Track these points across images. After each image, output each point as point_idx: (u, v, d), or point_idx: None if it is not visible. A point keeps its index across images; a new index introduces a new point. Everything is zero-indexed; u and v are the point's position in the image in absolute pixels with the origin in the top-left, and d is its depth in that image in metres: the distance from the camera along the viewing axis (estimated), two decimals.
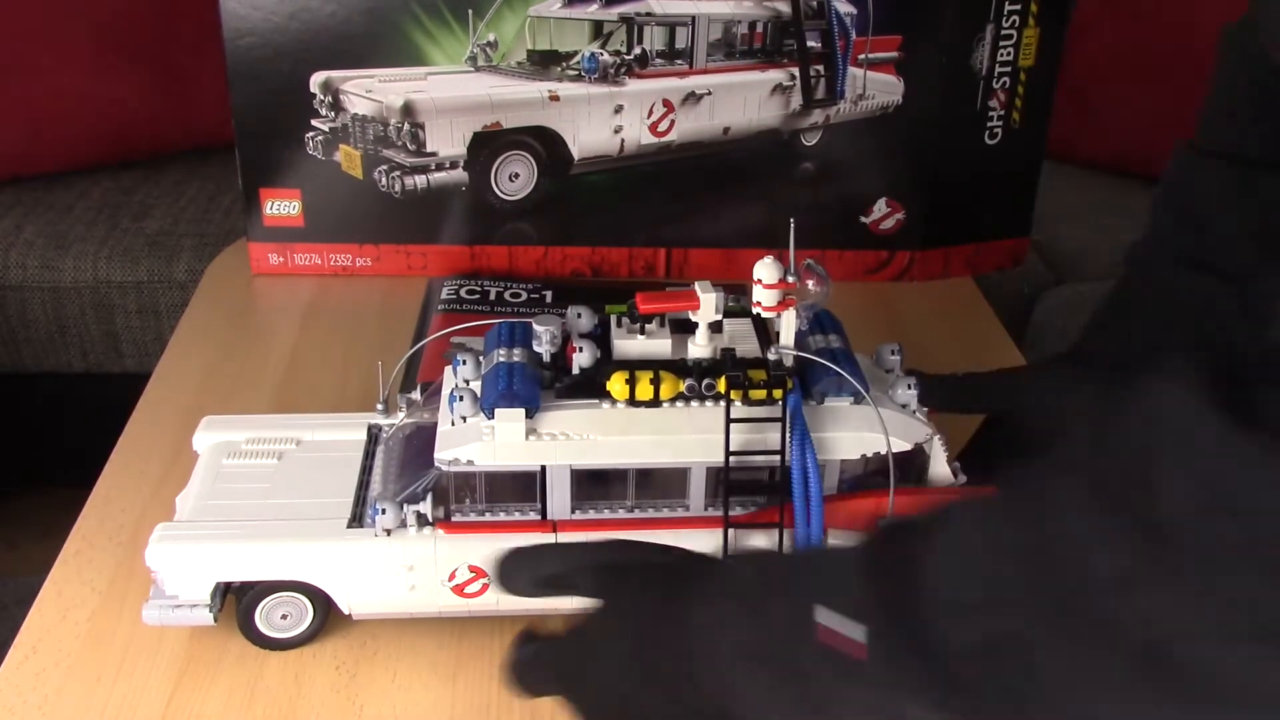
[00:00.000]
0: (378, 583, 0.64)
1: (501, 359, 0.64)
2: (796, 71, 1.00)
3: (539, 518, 0.64)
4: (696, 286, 0.63)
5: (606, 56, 0.99)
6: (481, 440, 0.62)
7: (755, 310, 0.63)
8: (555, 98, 0.99)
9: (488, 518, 0.64)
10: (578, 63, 0.99)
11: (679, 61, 1.00)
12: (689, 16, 0.99)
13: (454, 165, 1.01)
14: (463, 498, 0.64)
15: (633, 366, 0.63)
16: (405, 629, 0.66)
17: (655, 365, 0.63)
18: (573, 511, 0.64)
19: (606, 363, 0.64)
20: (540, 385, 0.63)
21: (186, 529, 0.65)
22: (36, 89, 1.56)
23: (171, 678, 0.64)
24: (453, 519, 0.64)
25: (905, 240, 1.06)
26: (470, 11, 0.97)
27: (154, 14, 1.60)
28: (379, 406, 0.71)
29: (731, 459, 0.63)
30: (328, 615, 0.66)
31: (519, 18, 0.98)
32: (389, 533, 0.63)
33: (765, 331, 0.66)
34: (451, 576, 0.64)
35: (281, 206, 1.03)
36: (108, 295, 1.44)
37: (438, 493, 0.63)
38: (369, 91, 0.98)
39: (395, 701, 0.63)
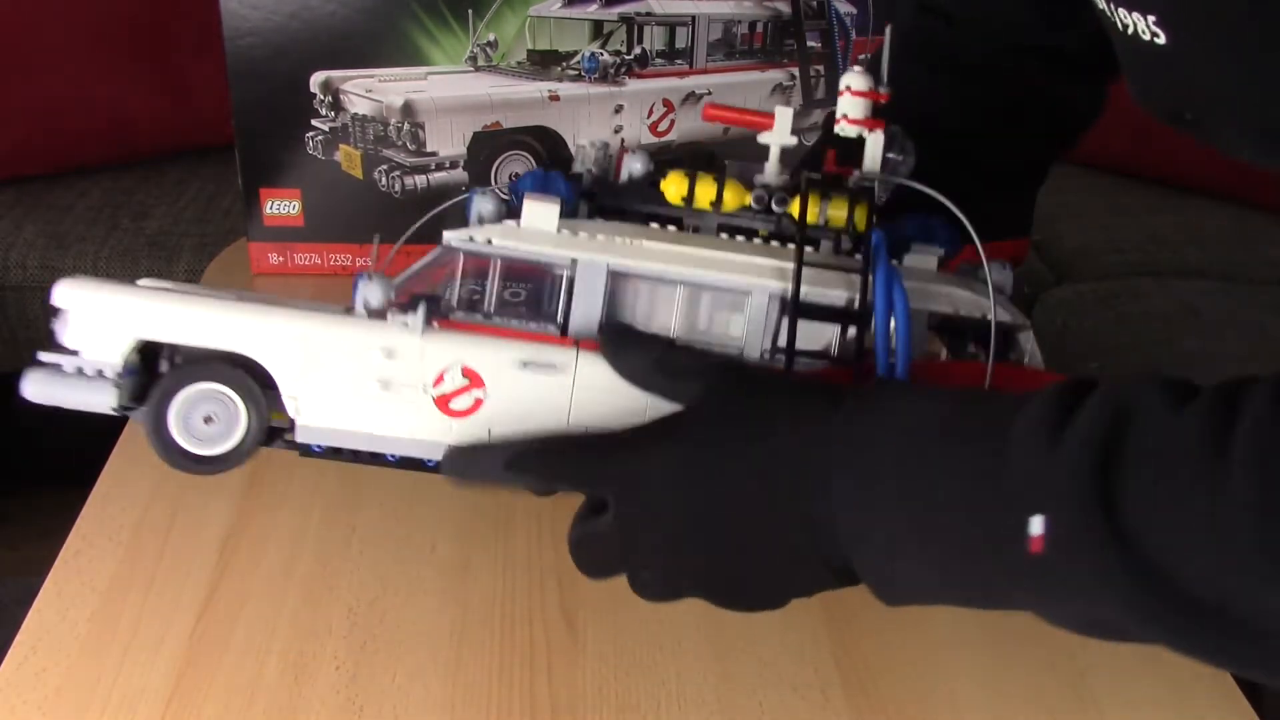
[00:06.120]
0: (341, 371, 0.52)
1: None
2: (796, 71, 1.00)
3: (559, 332, 0.54)
4: (776, 108, 0.54)
5: (606, 56, 0.99)
6: (504, 223, 0.53)
7: (836, 127, 0.53)
8: (555, 98, 0.99)
9: (497, 321, 0.53)
10: (578, 63, 0.99)
11: (679, 61, 1.00)
12: (689, 16, 0.99)
13: (454, 165, 1.01)
14: (471, 294, 0.54)
15: (696, 166, 0.54)
16: (406, 630, 0.66)
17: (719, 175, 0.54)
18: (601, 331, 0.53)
19: (662, 171, 0.55)
20: (581, 198, 0.54)
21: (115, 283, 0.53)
22: (36, 89, 1.56)
23: (171, 678, 0.64)
24: (453, 315, 0.53)
25: None
26: (470, 11, 0.97)
27: (154, 14, 1.60)
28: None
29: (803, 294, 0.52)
30: (265, 425, 0.53)
31: (519, 18, 0.98)
32: (369, 311, 0.53)
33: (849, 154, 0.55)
34: (439, 380, 0.52)
35: (281, 206, 1.03)
36: None
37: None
38: (369, 91, 0.98)
39: (395, 701, 0.63)
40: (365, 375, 0.52)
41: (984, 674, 0.66)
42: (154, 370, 0.54)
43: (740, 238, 0.55)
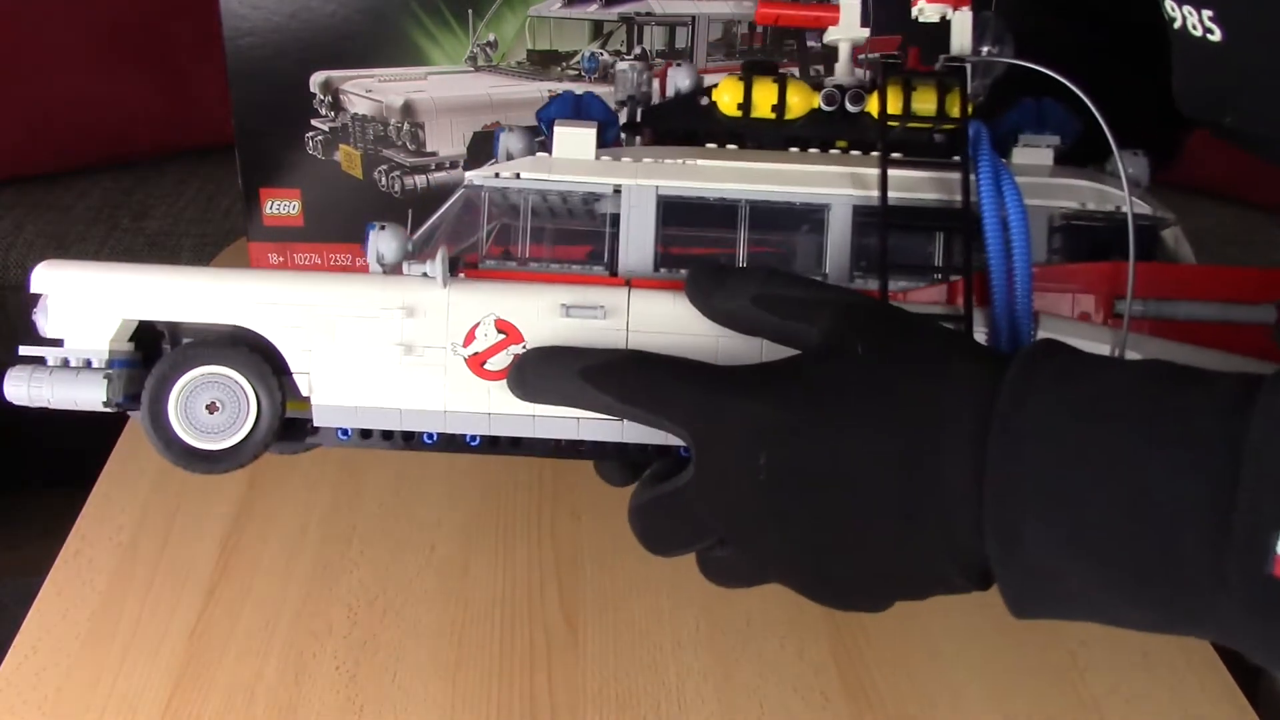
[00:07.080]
0: (356, 338, 0.44)
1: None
2: (797, 71, 1.00)
3: (606, 272, 0.47)
4: None
5: (606, 56, 0.99)
6: (535, 156, 0.47)
7: (914, 9, 0.46)
8: None
9: (533, 268, 0.47)
10: (578, 62, 0.99)
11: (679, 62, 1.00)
12: (689, 16, 0.99)
13: (454, 165, 1.01)
14: (501, 239, 0.48)
15: (751, 72, 0.46)
16: (406, 630, 0.66)
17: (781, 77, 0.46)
18: (657, 268, 0.46)
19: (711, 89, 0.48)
20: (626, 131, 0.48)
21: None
22: (36, 89, 1.56)
23: (171, 678, 0.64)
24: (482, 265, 0.47)
25: None
26: (470, 11, 0.97)
27: (154, 14, 1.60)
28: None
29: (892, 199, 0.44)
30: (280, 412, 0.46)
31: (519, 18, 0.98)
32: (384, 267, 0.46)
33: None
34: (469, 338, 0.44)
35: (281, 206, 1.03)
36: None
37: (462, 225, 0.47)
38: (369, 91, 0.98)
39: (395, 701, 0.63)
40: (384, 340, 0.45)
41: (984, 674, 0.66)
42: (153, 361, 0.48)
43: (814, 150, 0.47)
